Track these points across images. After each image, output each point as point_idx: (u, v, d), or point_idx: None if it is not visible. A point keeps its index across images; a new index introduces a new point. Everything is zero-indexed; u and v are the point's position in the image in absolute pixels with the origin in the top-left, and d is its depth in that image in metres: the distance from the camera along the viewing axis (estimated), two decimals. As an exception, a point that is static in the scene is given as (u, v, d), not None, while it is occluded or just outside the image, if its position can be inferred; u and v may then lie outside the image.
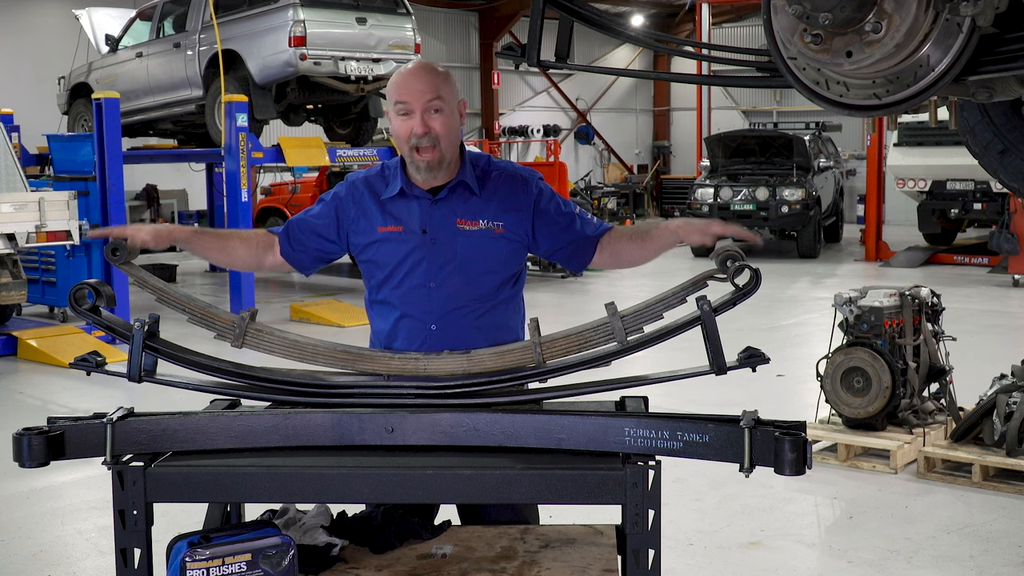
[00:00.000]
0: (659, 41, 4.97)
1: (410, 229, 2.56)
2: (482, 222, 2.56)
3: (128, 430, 2.15)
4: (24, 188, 8.66)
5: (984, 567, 4.02)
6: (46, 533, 4.57)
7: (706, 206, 15.23)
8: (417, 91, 2.50)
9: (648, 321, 2.28)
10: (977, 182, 13.61)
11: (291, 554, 2.06)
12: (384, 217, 2.59)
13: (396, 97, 2.52)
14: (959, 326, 7.16)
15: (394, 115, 2.54)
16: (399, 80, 2.53)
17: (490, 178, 2.62)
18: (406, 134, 2.51)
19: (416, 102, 2.49)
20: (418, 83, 2.51)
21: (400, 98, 2.51)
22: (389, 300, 2.62)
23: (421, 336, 2.58)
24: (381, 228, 2.58)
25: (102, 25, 12.25)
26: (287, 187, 15.38)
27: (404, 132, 2.52)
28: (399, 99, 2.51)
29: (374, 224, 2.59)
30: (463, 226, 2.56)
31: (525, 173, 2.67)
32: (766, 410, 2.18)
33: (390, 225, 2.58)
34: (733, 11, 23.55)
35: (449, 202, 2.57)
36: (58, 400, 7.09)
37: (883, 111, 2.54)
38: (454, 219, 2.56)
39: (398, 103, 2.52)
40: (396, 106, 2.52)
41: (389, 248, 2.58)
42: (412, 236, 2.56)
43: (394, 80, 2.54)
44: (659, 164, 26.84)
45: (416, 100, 2.49)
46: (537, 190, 2.64)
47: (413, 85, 2.51)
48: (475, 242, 2.56)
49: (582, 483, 2.08)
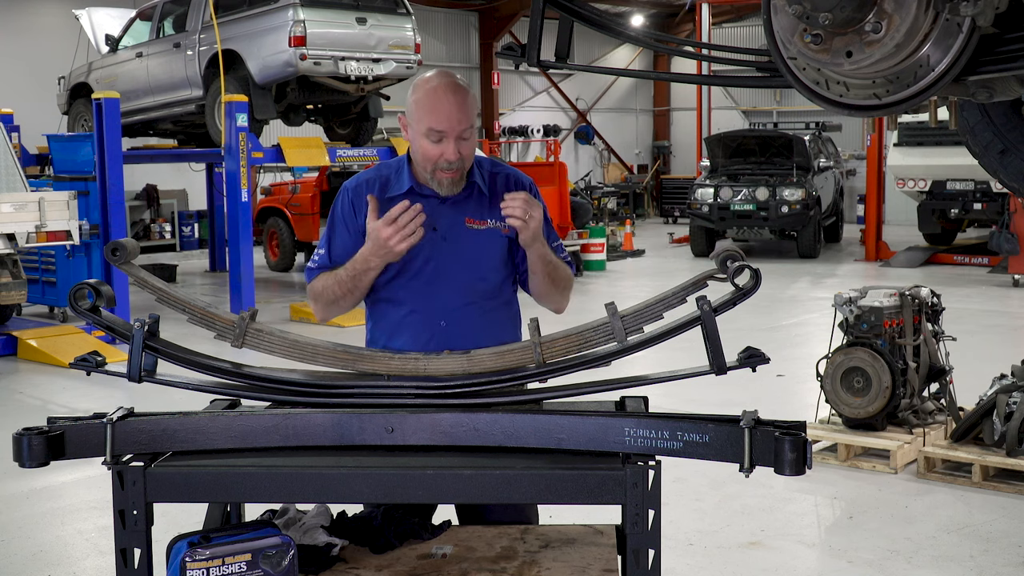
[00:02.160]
0: (659, 41, 4.97)
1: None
2: (490, 221, 2.61)
3: (128, 430, 2.15)
4: (24, 188, 8.66)
5: (984, 567, 4.02)
6: (46, 533, 4.57)
7: (706, 206, 15.24)
8: (454, 120, 2.46)
9: (648, 321, 2.28)
10: (977, 182, 13.62)
11: (291, 554, 2.06)
12: None
13: (430, 124, 2.46)
14: (959, 326, 7.16)
15: (421, 136, 2.49)
16: (433, 104, 2.47)
17: (495, 179, 2.66)
18: (435, 157, 2.49)
19: (452, 131, 2.47)
20: (456, 111, 2.46)
21: (435, 126, 2.46)
22: (396, 297, 2.63)
23: (429, 332, 2.59)
24: None
25: (102, 25, 12.25)
26: (287, 187, 15.38)
27: (433, 155, 2.49)
28: (434, 127, 2.46)
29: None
30: (472, 225, 2.60)
31: (525, 180, 2.71)
32: (766, 410, 2.18)
33: None
34: (733, 11, 23.56)
35: (457, 201, 2.60)
36: (58, 400, 7.09)
37: (883, 111, 2.54)
38: (463, 218, 2.60)
39: (432, 130, 2.47)
40: (428, 132, 2.47)
41: None
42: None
43: (425, 101, 2.48)
44: (659, 164, 26.85)
45: (452, 129, 2.47)
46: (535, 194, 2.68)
47: (450, 113, 2.46)
48: (483, 241, 2.60)
49: (582, 483, 2.08)
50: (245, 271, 9.90)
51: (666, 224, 22.79)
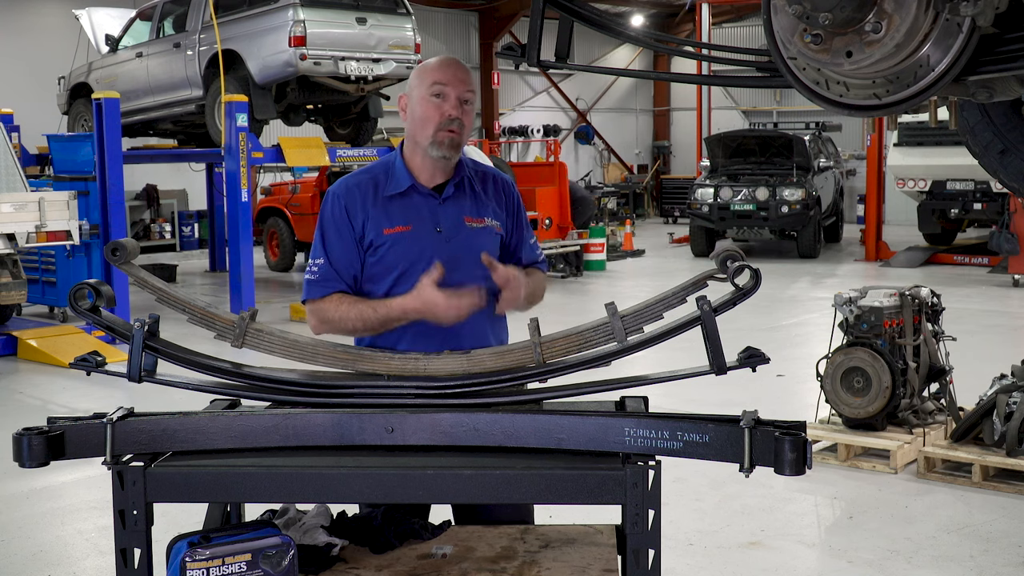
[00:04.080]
0: (659, 41, 4.96)
1: (422, 228, 2.56)
2: (486, 220, 2.63)
3: (128, 430, 2.15)
4: (24, 188, 8.66)
5: (984, 567, 4.02)
6: (46, 533, 4.57)
7: (706, 206, 15.24)
8: (458, 79, 2.55)
9: (648, 321, 2.28)
10: (977, 182, 13.62)
11: (291, 554, 2.06)
12: (389, 218, 2.56)
13: (434, 79, 2.54)
14: (959, 326, 7.16)
15: (425, 99, 2.54)
16: (436, 65, 2.57)
17: (481, 179, 2.69)
18: (439, 116, 2.53)
19: (454, 87, 2.54)
20: (458, 72, 2.57)
21: (439, 79, 2.54)
22: None
23: (438, 334, 2.54)
24: (388, 230, 2.55)
25: (102, 25, 12.25)
26: (287, 187, 15.39)
27: (436, 114, 2.53)
28: (437, 80, 2.54)
29: (380, 226, 2.55)
30: (470, 224, 2.61)
31: (505, 176, 2.77)
32: (766, 410, 2.18)
33: (397, 226, 2.55)
34: (733, 11, 23.55)
35: (456, 200, 2.62)
36: (58, 400, 7.09)
37: (883, 111, 2.54)
38: (462, 217, 2.61)
39: (436, 84, 2.53)
40: (432, 87, 2.53)
41: (401, 248, 2.55)
42: (425, 235, 2.56)
43: (428, 67, 2.58)
44: (659, 164, 26.85)
45: (454, 85, 2.54)
46: (517, 194, 2.75)
47: (455, 72, 2.56)
48: (482, 239, 2.62)
49: (582, 483, 2.08)
50: (245, 271, 9.90)
51: (666, 224, 22.79)
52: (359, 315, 2.52)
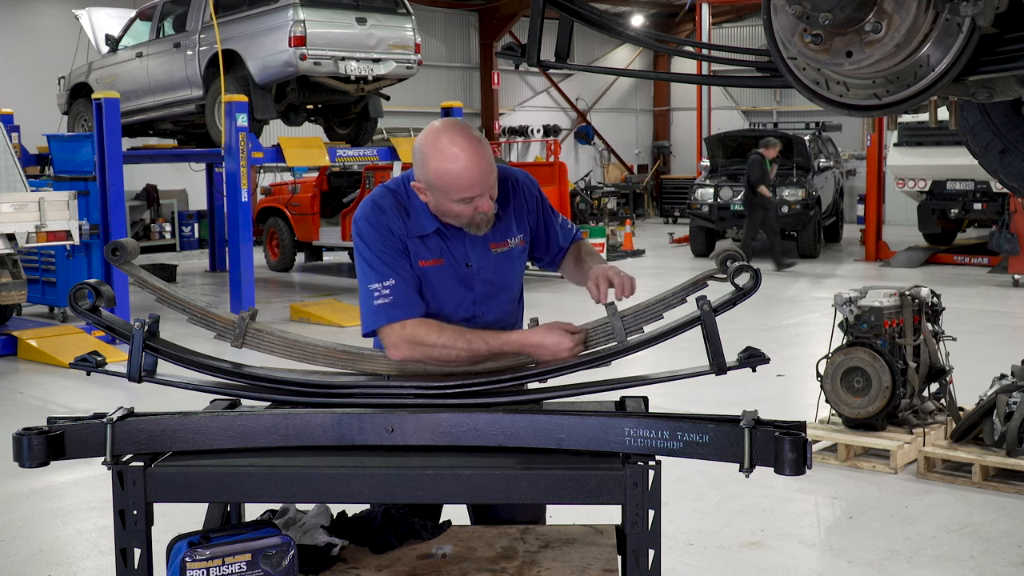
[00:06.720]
0: (659, 41, 4.95)
1: (453, 263, 2.55)
2: (509, 242, 2.62)
3: (128, 430, 2.15)
4: (24, 188, 8.66)
5: (984, 567, 4.02)
6: (46, 533, 4.57)
7: (706, 206, 15.24)
8: (486, 181, 2.41)
9: (648, 321, 2.29)
10: (977, 182, 13.61)
11: (291, 554, 2.06)
12: (425, 250, 2.51)
13: (464, 194, 2.38)
14: (959, 326, 7.16)
15: (452, 203, 2.42)
16: (460, 175, 2.36)
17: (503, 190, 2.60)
18: (470, 214, 2.44)
19: (485, 190, 2.42)
20: (484, 171, 2.39)
21: (469, 194, 2.39)
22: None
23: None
24: (423, 262, 2.50)
25: (102, 25, 12.26)
26: (287, 187, 15.39)
27: (467, 213, 2.43)
28: (468, 195, 2.39)
29: (417, 255, 2.51)
30: (495, 249, 2.60)
31: (520, 174, 2.72)
32: (766, 410, 2.18)
33: (433, 259, 2.52)
34: (733, 11, 23.55)
35: None
36: (58, 400, 7.09)
37: (883, 111, 2.54)
38: (488, 245, 2.58)
39: (466, 199, 2.40)
40: (462, 200, 2.40)
41: (433, 279, 2.53)
42: (456, 269, 2.55)
43: (452, 175, 2.36)
44: (659, 164, 26.85)
45: (485, 189, 2.42)
46: (534, 187, 2.72)
47: (481, 177, 2.38)
48: (507, 262, 2.63)
49: (582, 483, 2.08)
50: (245, 271, 9.90)
51: (666, 224, 22.78)
52: (467, 345, 2.38)
